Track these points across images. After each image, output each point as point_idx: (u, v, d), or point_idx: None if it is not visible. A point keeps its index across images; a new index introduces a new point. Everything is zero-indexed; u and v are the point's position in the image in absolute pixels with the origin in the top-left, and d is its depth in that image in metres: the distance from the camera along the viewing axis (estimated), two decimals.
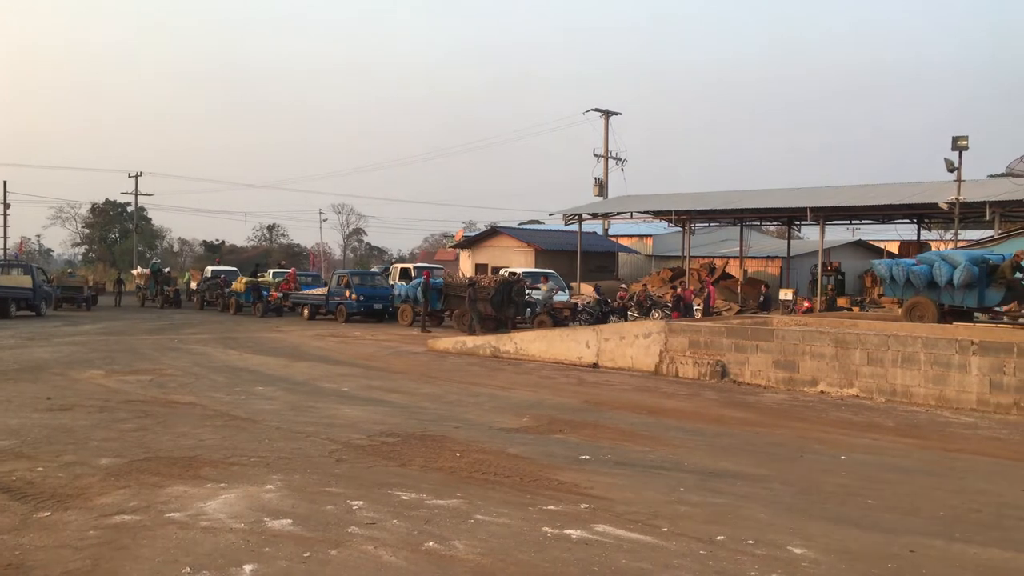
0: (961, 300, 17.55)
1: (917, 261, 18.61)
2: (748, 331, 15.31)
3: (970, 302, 17.55)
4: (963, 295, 17.44)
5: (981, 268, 17.37)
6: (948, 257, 18.02)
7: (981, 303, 17.61)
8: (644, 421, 10.91)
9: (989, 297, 17.54)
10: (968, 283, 17.23)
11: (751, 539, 5.91)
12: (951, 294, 17.55)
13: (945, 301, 17.70)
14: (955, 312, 17.77)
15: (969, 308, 17.77)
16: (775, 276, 42.04)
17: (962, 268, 17.23)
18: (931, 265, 17.87)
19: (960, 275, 17.20)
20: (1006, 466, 8.63)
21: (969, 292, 17.38)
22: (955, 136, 25.02)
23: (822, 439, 9.92)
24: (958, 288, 17.34)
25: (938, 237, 41.73)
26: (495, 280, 25.70)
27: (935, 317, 17.40)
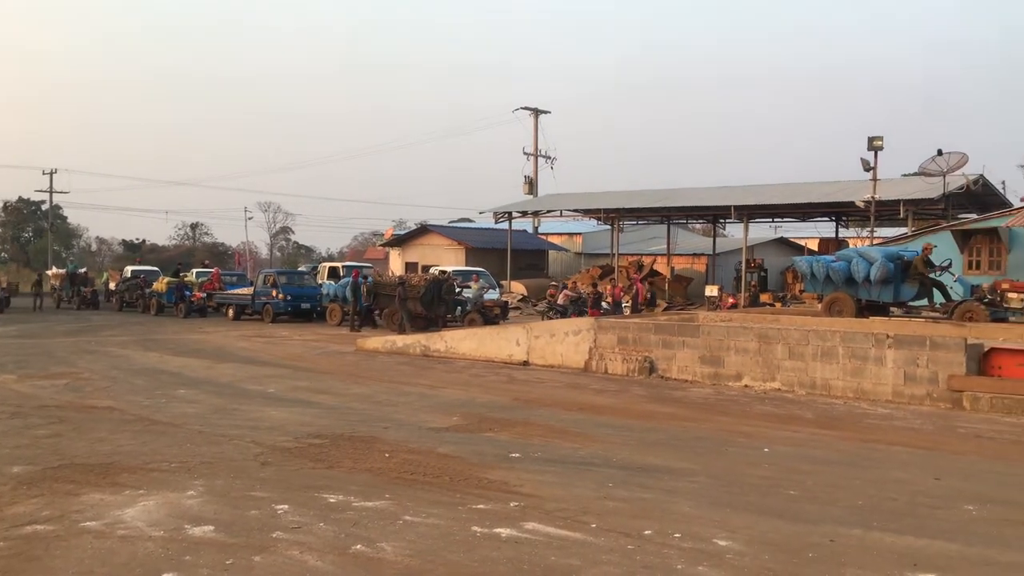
0: (878, 295, 18.16)
1: (836, 258, 19.18)
2: (675, 327, 15.55)
3: (886, 297, 18.16)
4: (879, 290, 18.05)
5: (896, 264, 17.99)
6: (865, 254, 18.62)
7: (896, 298, 18.25)
8: (574, 418, 10.97)
9: (904, 292, 18.19)
10: (884, 279, 17.83)
11: (678, 533, 5.99)
12: (868, 289, 18.13)
13: (863, 296, 18.28)
14: (872, 307, 18.38)
15: (885, 303, 18.40)
16: (701, 273, 42.85)
17: (878, 264, 17.82)
18: (849, 262, 18.44)
19: (876, 271, 17.79)
20: (920, 455, 8.94)
21: (885, 287, 17.99)
22: (871, 136, 25.87)
23: (746, 432, 10.13)
24: (875, 284, 17.93)
25: (855, 234, 43.13)
26: (425, 279, 25.58)
27: (853, 312, 17.96)
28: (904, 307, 18.84)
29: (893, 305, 18.61)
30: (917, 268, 18.06)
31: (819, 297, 19.88)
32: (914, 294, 18.34)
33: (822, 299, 19.32)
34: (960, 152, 27.63)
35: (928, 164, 28.23)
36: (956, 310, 17.32)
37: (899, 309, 18.86)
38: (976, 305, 17.25)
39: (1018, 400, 11.39)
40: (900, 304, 18.64)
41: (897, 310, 18.91)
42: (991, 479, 7.86)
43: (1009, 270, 24.32)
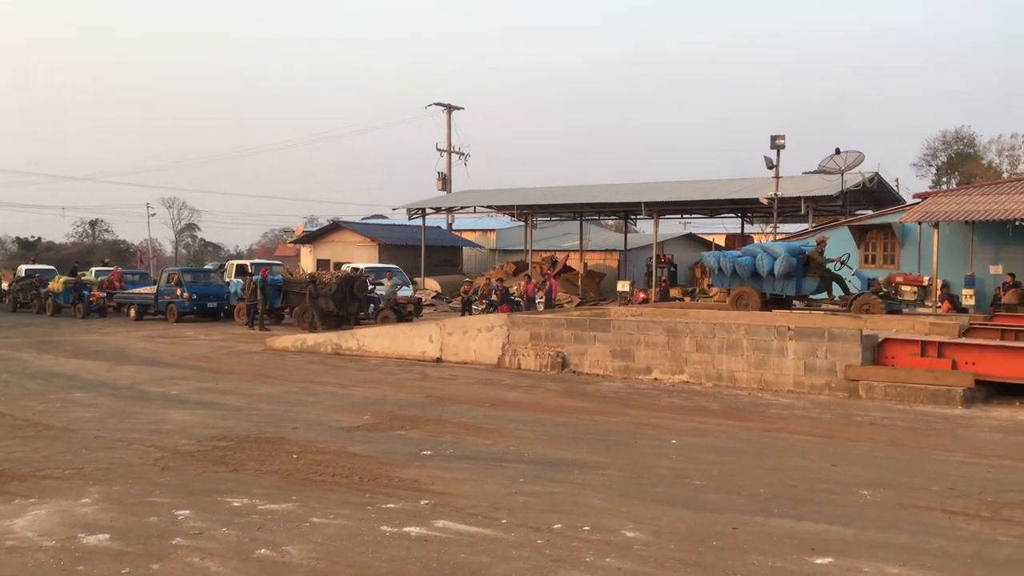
0: (781, 289, 18.74)
1: (742, 253, 19.71)
2: (587, 322, 15.72)
3: (789, 291, 18.77)
4: (783, 284, 18.64)
5: (798, 259, 18.61)
6: (769, 249, 19.20)
7: (799, 291, 18.88)
8: (486, 414, 10.97)
9: (806, 286, 18.83)
10: (787, 273, 18.42)
11: (587, 526, 6.04)
12: (772, 284, 18.70)
13: (767, 290, 18.85)
14: (776, 300, 18.97)
15: (788, 296, 19.01)
16: (613, 268, 43.50)
17: (781, 259, 18.40)
18: (754, 257, 18.98)
19: (780, 266, 18.36)
20: (819, 444, 9.26)
21: (788, 281, 18.58)
22: (773, 135, 26.67)
23: (655, 425, 10.31)
24: (778, 278, 18.50)
25: (760, 230, 44.44)
26: (337, 276, 25.19)
27: (759, 306, 18.49)
28: (806, 300, 19.49)
29: (796, 298, 19.24)
30: (816, 260, 18.72)
31: (727, 291, 20.40)
32: (815, 287, 19.00)
33: (730, 293, 19.83)
34: (857, 151, 28.78)
35: (827, 162, 29.31)
36: (854, 303, 18.02)
37: (801, 302, 19.51)
38: (872, 298, 17.98)
39: (910, 388, 11.93)
40: (802, 297, 19.28)
41: (800, 303, 19.56)
42: (885, 465, 8.20)
43: (902, 264, 25.49)
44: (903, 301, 19.00)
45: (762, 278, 18.73)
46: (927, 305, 20.67)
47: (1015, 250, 23.81)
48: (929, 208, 24.33)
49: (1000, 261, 23.68)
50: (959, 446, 9.06)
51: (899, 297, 18.94)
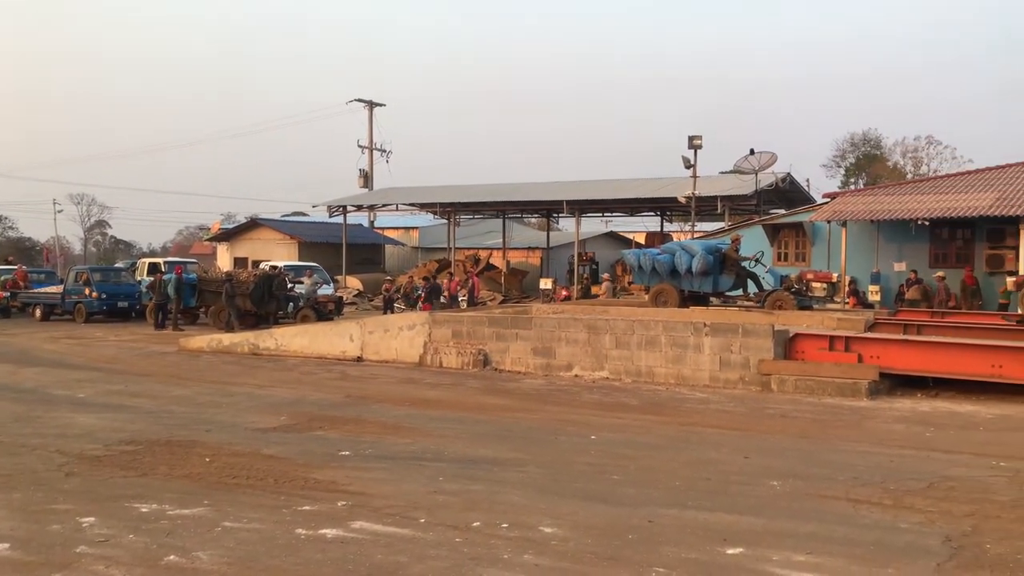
0: (699, 286, 19.13)
1: (661, 251, 20.05)
2: (509, 320, 15.77)
3: (706, 288, 19.17)
4: (700, 281, 19.03)
5: (715, 256, 19.03)
6: (687, 247, 19.56)
7: (716, 288, 19.30)
8: (407, 413, 10.90)
9: (722, 283, 19.26)
10: (704, 270, 18.81)
11: (506, 523, 6.06)
12: (691, 281, 19.07)
13: (686, 287, 19.21)
14: (694, 297, 19.36)
15: (706, 293, 19.42)
16: (536, 266, 43.73)
17: (699, 257, 18.78)
18: (673, 255, 19.32)
19: (697, 263, 18.74)
20: (732, 436, 9.49)
21: (705, 279, 18.98)
22: (691, 136, 27.21)
23: (575, 421, 10.41)
24: (696, 275, 18.88)
25: (679, 228, 45.25)
26: (254, 274, 24.65)
27: (678, 302, 18.83)
28: (722, 297, 19.94)
29: (713, 295, 19.66)
30: (732, 259, 19.18)
31: (646, 288, 20.71)
32: (731, 284, 19.46)
33: (649, 290, 20.15)
34: (770, 152, 29.63)
35: (742, 163, 30.08)
36: (768, 299, 18.52)
37: (718, 299, 19.95)
38: (785, 294, 18.52)
39: (819, 381, 12.33)
40: (719, 294, 19.72)
41: (717, 300, 20.00)
42: (794, 456, 8.46)
43: (813, 261, 26.33)
44: (813, 297, 19.61)
45: (681, 275, 19.08)
46: (836, 301, 21.41)
47: (917, 248, 24.85)
48: (837, 208, 25.20)
49: (904, 259, 24.67)
50: (864, 437, 9.41)
51: (810, 293, 19.55)
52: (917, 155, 57.93)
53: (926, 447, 8.82)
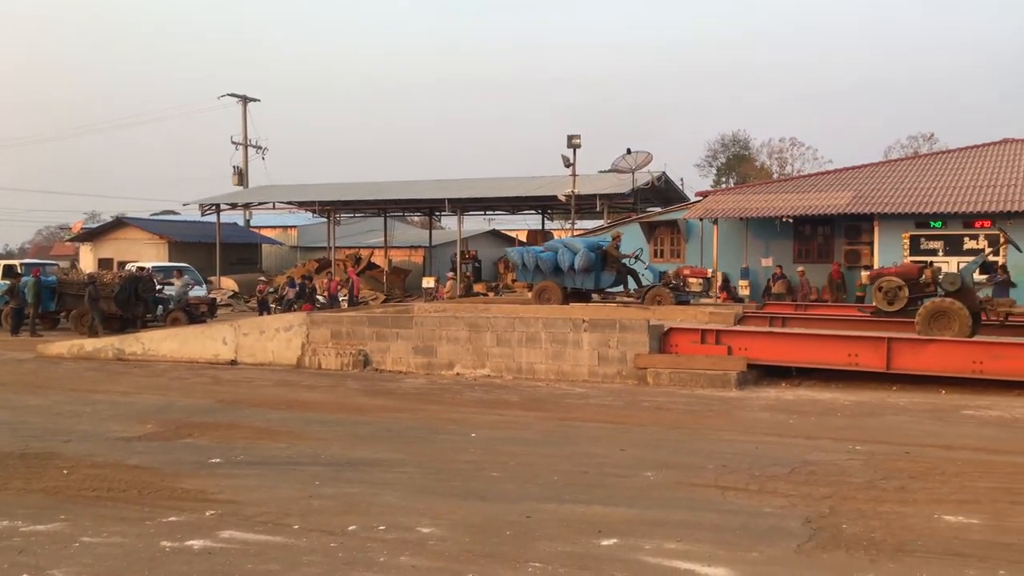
0: (581, 283, 19.45)
1: (544, 248, 20.26)
2: (389, 319, 15.59)
3: (589, 285, 19.51)
4: (582, 278, 19.35)
5: (597, 254, 19.38)
6: (570, 244, 19.83)
7: (598, 285, 19.66)
8: (282, 416, 10.61)
9: (604, 279, 19.65)
10: (586, 267, 19.13)
11: (383, 525, 5.97)
12: (573, 278, 19.36)
13: (568, 285, 19.49)
14: (577, 294, 19.67)
15: (588, 290, 19.77)
16: (419, 264, 43.49)
17: (581, 254, 19.07)
18: (556, 252, 19.55)
19: (579, 260, 19.03)
20: (610, 430, 9.68)
21: (587, 276, 19.31)
22: (570, 135, 27.66)
23: (456, 419, 10.38)
24: (579, 272, 19.18)
25: (560, 226, 45.92)
26: (120, 276, 23.48)
27: (561, 299, 19.09)
28: (603, 294, 20.33)
29: (595, 292, 20.03)
30: (612, 255, 19.60)
31: (530, 286, 20.90)
32: (612, 281, 19.88)
33: (532, 288, 20.33)
34: (646, 151, 30.47)
35: (619, 162, 30.83)
36: (647, 295, 19.03)
37: (600, 296, 20.33)
38: (664, 290, 19.06)
39: (691, 373, 12.74)
40: (600, 291, 20.10)
41: (598, 296, 20.38)
42: (668, 446, 8.70)
43: (687, 257, 27.26)
44: (690, 292, 20.27)
45: (563, 272, 19.35)
46: (710, 296, 22.22)
47: (783, 244, 26.11)
48: (709, 206, 26.18)
49: (770, 254, 25.86)
50: (732, 425, 9.78)
51: (687, 289, 20.19)
52: (782, 156, 60.88)
53: (789, 434, 9.23)
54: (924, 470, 7.39)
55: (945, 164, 26.96)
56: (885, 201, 23.50)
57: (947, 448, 8.32)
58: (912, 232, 22.87)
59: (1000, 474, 7.28)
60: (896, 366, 12.24)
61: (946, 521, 5.94)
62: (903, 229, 22.91)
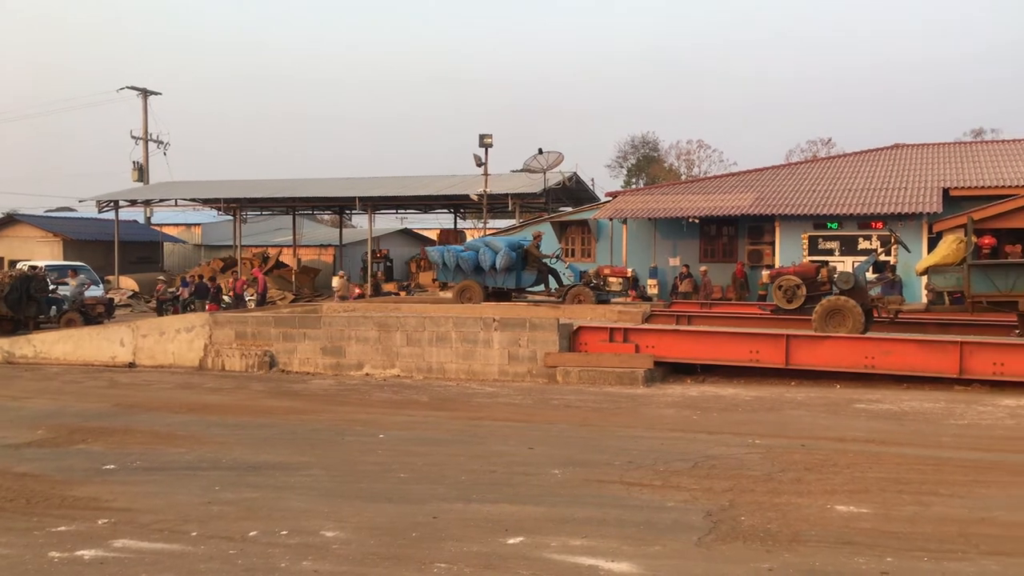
0: (503, 282, 19.46)
1: (465, 248, 20.17)
2: (296, 319, 15.30)
3: (510, 284, 19.53)
4: (504, 278, 19.36)
5: (518, 253, 19.43)
6: (491, 243, 19.79)
7: (519, 284, 19.68)
8: (183, 420, 10.28)
9: (525, 279, 19.69)
10: (508, 267, 19.15)
11: (285, 530, 5.84)
12: (494, 277, 19.36)
13: (490, 284, 19.48)
14: (498, 293, 19.69)
15: (509, 289, 19.80)
16: (329, 263, 42.81)
17: (502, 253, 19.07)
18: (477, 251, 19.49)
19: (501, 260, 19.03)
20: (519, 428, 9.72)
21: (509, 275, 19.33)
22: (482, 134, 27.63)
23: (364, 420, 10.26)
24: (500, 271, 19.19)
25: (472, 225, 45.95)
26: (10, 275, 22.31)
27: (482, 298, 19.05)
28: (524, 293, 20.38)
29: (516, 291, 20.07)
30: (534, 256, 19.68)
31: (443, 285, 20.78)
32: (534, 280, 19.96)
33: (446, 287, 20.24)
34: (557, 151, 30.72)
35: (531, 161, 30.98)
36: (568, 294, 19.18)
37: (520, 295, 20.35)
38: (584, 289, 19.24)
39: (600, 371, 12.92)
40: (521, 290, 20.13)
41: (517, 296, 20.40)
42: (576, 444, 8.78)
43: (597, 256, 27.63)
44: (611, 291, 20.52)
45: (485, 272, 19.32)
46: (629, 295, 22.56)
47: (690, 244, 26.74)
48: (618, 206, 26.60)
49: (678, 254, 26.45)
50: (639, 422, 9.95)
51: (607, 288, 20.45)
52: (690, 158, 62.38)
53: (693, 429, 9.45)
54: (818, 462, 7.67)
55: (841, 168, 28.07)
56: (785, 203, 24.32)
57: (840, 440, 8.66)
58: (810, 233, 23.73)
59: (889, 465, 7.61)
60: (794, 362, 12.68)
61: (838, 511, 6.17)
62: (802, 230, 23.76)
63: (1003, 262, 15.71)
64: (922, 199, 22.84)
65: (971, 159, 26.97)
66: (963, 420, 9.79)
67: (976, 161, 26.58)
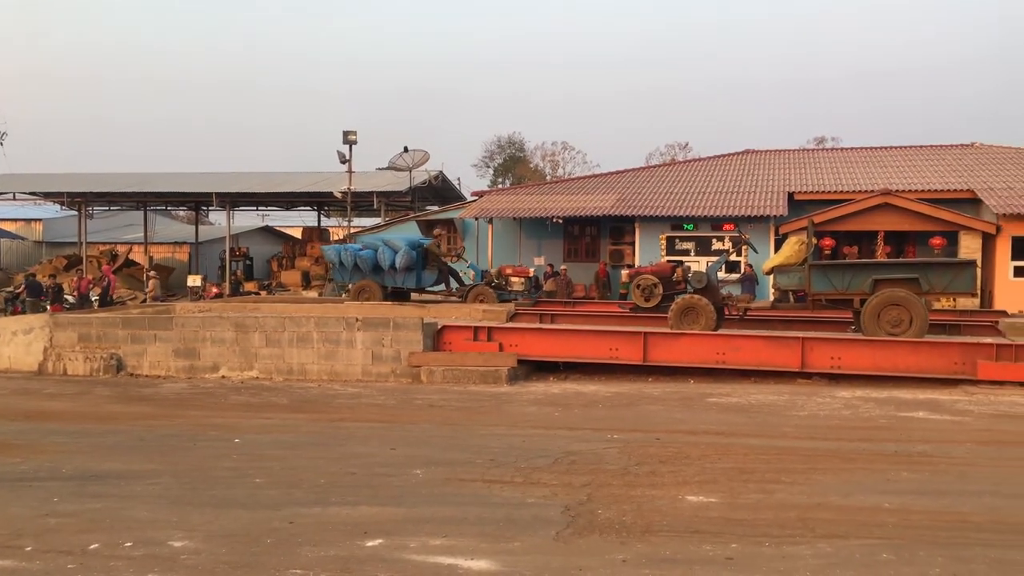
0: (402, 282, 19.16)
1: (363, 246, 19.71)
2: (147, 320, 14.59)
3: (410, 284, 19.25)
4: (404, 277, 19.06)
5: (418, 252, 19.16)
6: (391, 243, 19.41)
7: (419, 284, 19.42)
8: (18, 428, 9.60)
9: (425, 279, 19.45)
10: (408, 266, 18.86)
11: (129, 541, 5.55)
12: (394, 277, 19.03)
13: (389, 283, 19.14)
14: (397, 293, 19.36)
15: (409, 289, 19.50)
16: (184, 262, 41.02)
17: (402, 253, 18.76)
18: (376, 250, 19.10)
19: (401, 259, 18.72)
20: (381, 429, 9.62)
21: (409, 274, 19.05)
22: (346, 131, 27.19)
23: (219, 425, 9.88)
24: (400, 271, 18.87)
25: (337, 223, 45.12)
26: None
27: (381, 298, 18.69)
28: (425, 293, 20.12)
29: (416, 291, 19.79)
30: (435, 255, 19.47)
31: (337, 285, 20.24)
32: (434, 280, 19.74)
33: (333, 285, 19.79)
34: (423, 150, 30.59)
35: (396, 160, 30.72)
36: (470, 293, 19.09)
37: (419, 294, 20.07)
38: (486, 289, 19.21)
39: (464, 370, 12.95)
40: (422, 290, 19.86)
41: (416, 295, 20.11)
42: (438, 443, 8.77)
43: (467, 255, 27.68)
44: (513, 291, 20.60)
45: (384, 271, 18.97)
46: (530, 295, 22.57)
47: (554, 243, 27.23)
48: (484, 206, 26.77)
49: (543, 253, 26.87)
50: (502, 420, 10.04)
51: (509, 288, 20.52)
52: (555, 158, 63.53)
53: (554, 426, 9.62)
54: (672, 455, 7.96)
55: (697, 171, 29.28)
56: (645, 204, 25.15)
57: (693, 433, 9.03)
58: (668, 233, 24.65)
59: (736, 456, 7.99)
60: (652, 358, 13.12)
61: (689, 501, 6.43)
62: (660, 231, 24.64)
63: (840, 262, 16.83)
64: (769, 203, 24.13)
65: (814, 165, 28.73)
66: (804, 411, 10.40)
67: (818, 167, 28.34)
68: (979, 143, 29.16)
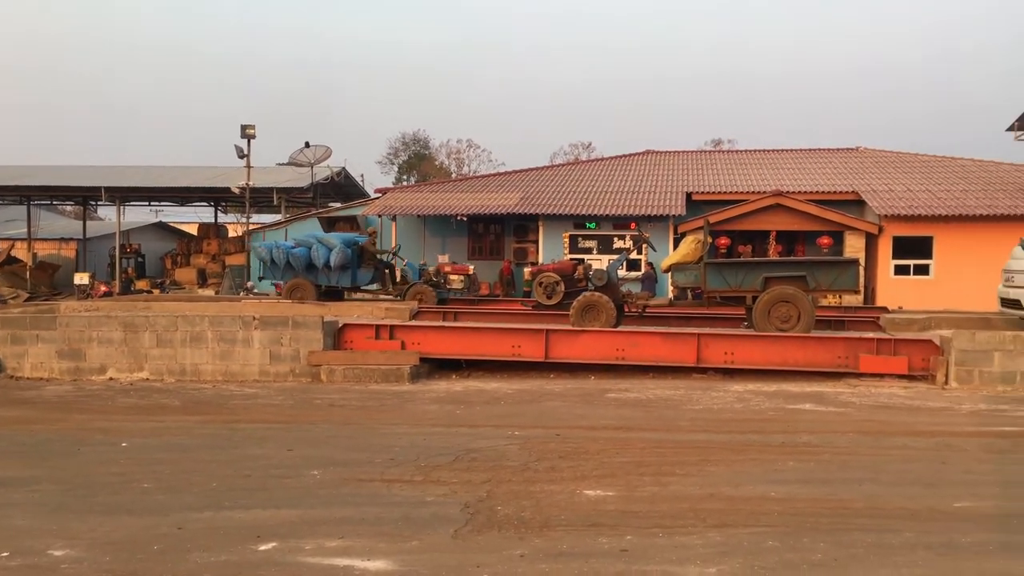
0: (337, 280, 18.67)
1: (296, 244, 19.13)
2: (28, 320, 13.87)
3: (345, 282, 18.77)
4: (338, 276, 18.57)
5: (353, 250, 18.71)
6: (325, 240, 18.88)
7: (354, 282, 18.96)
8: None
9: (360, 277, 19.00)
10: (343, 264, 18.39)
11: (6, 551, 5.26)
12: (328, 275, 18.53)
13: (323, 282, 18.62)
14: (332, 292, 18.86)
15: (344, 287, 19.03)
16: (71, 259, 39.19)
17: (337, 250, 18.27)
18: (310, 248, 18.54)
19: (336, 257, 18.22)
20: (278, 430, 9.39)
21: (344, 273, 18.56)
22: (244, 124, 26.52)
23: (105, 428, 9.47)
24: (335, 269, 18.38)
25: (235, 219, 43.90)
26: None
27: (315, 297, 18.16)
28: (360, 291, 19.68)
29: (351, 290, 19.32)
30: (370, 253, 19.05)
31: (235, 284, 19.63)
32: (370, 278, 19.33)
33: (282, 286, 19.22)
34: (325, 146, 30.16)
35: (298, 155, 30.18)
36: (408, 292, 18.77)
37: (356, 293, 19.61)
38: (425, 287, 18.91)
39: (365, 369, 12.79)
40: (357, 288, 19.40)
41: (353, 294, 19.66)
42: (338, 444, 8.63)
43: None
44: (451, 289, 20.30)
45: (318, 269, 18.46)
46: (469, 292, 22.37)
47: (458, 241, 27.24)
48: (388, 203, 26.54)
49: (447, 251, 26.82)
50: (404, 419, 9.96)
51: (448, 286, 20.22)
52: (460, 156, 63.48)
53: (456, 424, 9.60)
54: (571, 450, 8.05)
55: (600, 171, 29.76)
56: (549, 203, 25.40)
57: (592, 429, 9.16)
58: (571, 232, 24.96)
59: (634, 449, 8.15)
60: (554, 355, 13.25)
61: (587, 495, 6.52)
62: (564, 229, 24.94)
63: (733, 260, 17.39)
64: (669, 202, 24.73)
65: (710, 167, 29.60)
66: (699, 405, 10.69)
67: (715, 169, 29.22)
68: (863, 147, 30.62)
